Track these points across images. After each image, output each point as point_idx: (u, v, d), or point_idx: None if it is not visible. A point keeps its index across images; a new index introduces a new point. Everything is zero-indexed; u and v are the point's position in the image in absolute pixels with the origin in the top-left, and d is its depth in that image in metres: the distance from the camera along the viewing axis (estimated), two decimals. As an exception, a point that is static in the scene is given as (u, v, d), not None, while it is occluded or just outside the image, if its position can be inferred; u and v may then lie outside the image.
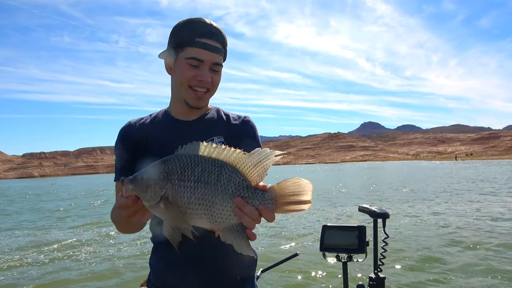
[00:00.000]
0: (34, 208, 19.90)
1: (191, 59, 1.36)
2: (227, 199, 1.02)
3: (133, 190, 1.03)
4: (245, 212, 0.99)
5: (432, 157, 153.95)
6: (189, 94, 1.41)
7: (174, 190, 1.02)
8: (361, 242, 2.04)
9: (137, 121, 1.52)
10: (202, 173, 1.03)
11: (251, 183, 1.03)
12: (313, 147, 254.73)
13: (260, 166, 1.03)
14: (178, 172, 1.03)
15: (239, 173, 1.03)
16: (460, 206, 12.40)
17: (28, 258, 8.00)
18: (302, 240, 8.21)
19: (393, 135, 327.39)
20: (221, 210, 1.02)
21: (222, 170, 1.03)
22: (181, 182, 1.02)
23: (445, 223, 9.49)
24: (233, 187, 1.02)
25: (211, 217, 1.02)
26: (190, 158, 1.05)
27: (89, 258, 7.66)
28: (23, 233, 11.58)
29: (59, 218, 14.76)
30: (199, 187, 1.02)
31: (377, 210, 2.10)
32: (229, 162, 1.04)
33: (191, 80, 1.39)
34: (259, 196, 1.02)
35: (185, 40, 1.37)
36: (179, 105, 1.48)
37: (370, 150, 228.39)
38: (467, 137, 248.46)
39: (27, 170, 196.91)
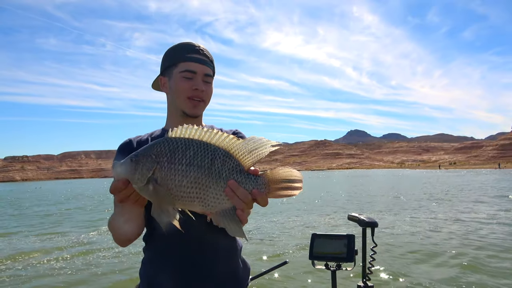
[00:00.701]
0: (18, 214, 19.45)
1: (185, 71, 1.50)
2: (221, 183, 1.03)
3: (122, 173, 1.04)
4: (238, 195, 1.02)
5: (416, 166, 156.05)
6: (187, 104, 1.53)
7: (163, 172, 1.02)
8: (350, 251, 2.05)
9: (136, 138, 1.59)
10: (194, 157, 1.03)
11: (244, 168, 1.05)
12: (300, 154, 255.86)
13: (255, 153, 1.05)
14: (168, 155, 1.03)
15: (233, 158, 1.05)
16: (447, 215, 12.56)
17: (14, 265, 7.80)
18: (291, 248, 8.18)
19: (379, 143, 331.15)
20: (214, 194, 1.03)
21: (216, 155, 1.04)
22: (171, 165, 1.02)
23: (433, 231, 9.58)
24: (227, 171, 1.03)
25: (204, 201, 1.03)
26: (181, 141, 1.04)
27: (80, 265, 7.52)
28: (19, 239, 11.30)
29: (52, 223, 14.46)
30: (192, 171, 1.02)
31: (366, 219, 2.11)
32: (221, 146, 1.05)
33: (187, 91, 1.51)
34: (253, 180, 1.05)
35: (177, 58, 1.53)
36: (175, 120, 1.57)
37: (356, 158, 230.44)
38: (450, 146, 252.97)
39: (9, 174, 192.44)
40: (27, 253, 8.89)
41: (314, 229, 10.29)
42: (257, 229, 10.76)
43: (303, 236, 9.31)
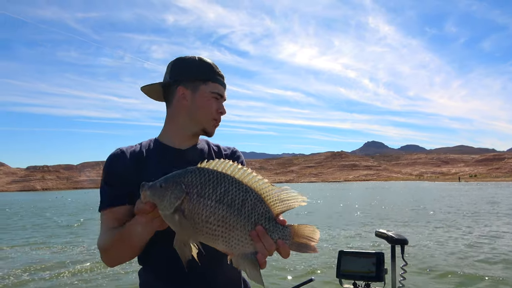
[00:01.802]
0: (40, 223, 19.75)
1: (215, 93, 1.50)
2: (248, 226, 1.01)
3: (150, 196, 1.02)
4: (264, 242, 1.02)
5: (435, 178, 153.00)
6: (211, 124, 1.53)
7: (192, 204, 1.00)
8: (379, 270, 1.96)
9: (129, 148, 1.51)
10: (225, 194, 1.01)
11: (273, 216, 1.04)
12: (316, 166, 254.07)
13: (285, 204, 1.05)
14: (198, 187, 1.01)
15: (264, 203, 1.03)
16: (481, 230, 12.14)
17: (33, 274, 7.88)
18: (317, 265, 7.99)
19: (397, 155, 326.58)
20: (240, 236, 1.01)
21: (247, 196, 1.02)
22: (200, 199, 1.00)
23: (466, 248, 9.22)
24: (256, 216, 1.02)
25: (228, 241, 1.01)
26: (213, 174, 1.03)
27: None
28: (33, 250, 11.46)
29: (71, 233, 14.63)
30: (221, 208, 1.00)
31: (395, 236, 2.02)
32: (253, 188, 1.03)
33: (214, 112, 1.51)
34: (280, 230, 1.04)
35: (208, 75, 1.50)
36: (177, 132, 1.53)
37: (373, 170, 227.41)
38: (471, 158, 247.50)
39: (30, 183, 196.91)
40: (47, 262, 8.98)
41: (340, 245, 10.06)
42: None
43: (329, 253, 9.06)
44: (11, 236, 14.48)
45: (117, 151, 1.49)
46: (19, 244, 12.13)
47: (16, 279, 7.58)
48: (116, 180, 1.42)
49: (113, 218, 1.38)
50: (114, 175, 1.44)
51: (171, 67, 1.53)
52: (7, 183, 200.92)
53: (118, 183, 1.41)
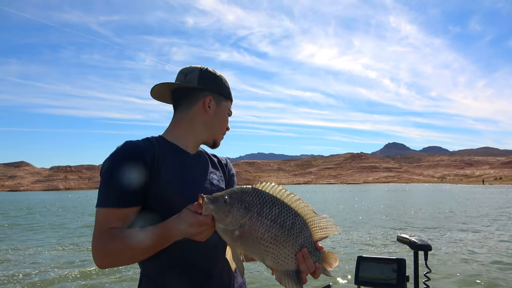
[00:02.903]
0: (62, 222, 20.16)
1: (229, 111, 1.62)
2: (296, 247, 1.14)
3: (213, 210, 1.09)
4: (307, 263, 1.16)
5: (458, 180, 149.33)
6: (220, 137, 1.63)
7: (252, 222, 1.10)
8: (400, 277, 1.86)
9: (141, 142, 1.40)
10: (278, 215, 1.12)
11: (314, 240, 1.19)
12: (335, 167, 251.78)
13: (324, 231, 1.20)
14: (258, 207, 1.11)
15: (308, 227, 1.18)
16: (504, 235, 11.74)
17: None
18: (335, 270, 7.79)
19: (418, 157, 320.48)
20: (287, 254, 1.13)
21: (296, 219, 1.15)
22: (259, 217, 1.11)
23: (492, 255, 8.89)
24: (303, 238, 1.16)
25: (276, 258, 1.12)
26: (269, 197, 1.14)
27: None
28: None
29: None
30: (274, 227, 1.11)
31: (418, 242, 1.90)
32: (300, 213, 1.17)
33: (225, 128, 1.62)
34: (318, 254, 1.20)
35: (230, 95, 1.62)
36: (190, 136, 1.54)
37: (393, 172, 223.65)
38: (496, 160, 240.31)
39: (53, 183, 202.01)
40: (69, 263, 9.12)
41: (360, 250, 9.84)
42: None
43: (347, 258, 8.84)
44: (43, 235, 14.83)
45: (131, 146, 1.36)
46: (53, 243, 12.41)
47: (48, 275, 7.72)
48: (129, 177, 1.29)
49: (118, 218, 1.28)
50: (121, 171, 1.29)
51: (200, 74, 1.50)
52: (32, 183, 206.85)
53: (131, 180, 1.29)
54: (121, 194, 1.28)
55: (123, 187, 1.28)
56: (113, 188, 1.29)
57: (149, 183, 1.32)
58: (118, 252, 1.24)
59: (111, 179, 1.30)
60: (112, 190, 1.29)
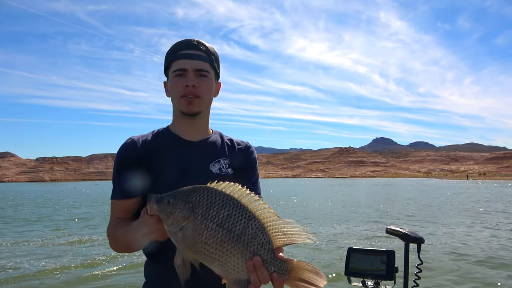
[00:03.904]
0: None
1: (176, 71, 1.44)
2: (245, 255, 1.00)
3: (157, 211, 1.03)
4: (259, 274, 1.00)
5: (444, 175, 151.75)
6: (182, 103, 1.46)
7: (195, 224, 1.00)
8: (390, 268, 1.88)
9: (140, 137, 1.50)
10: (227, 218, 1.00)
11: (273, 247, 1.02)
12: (323, 161, 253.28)
13: (288, 237, 1.03)
14: (204, 208, 1.01)
15: (265, 232, 1.01)
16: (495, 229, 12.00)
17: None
18: (325, 261, 7.94)
19: (405, 152, 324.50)
20: (235, 262, 1.00)
21: (250, 223, 1.01)
22: (204, 220, 1.00)
23: (483, 246, 9.09)
24: (255, 245, 1.00)
25: (223, 265, 1.00)
26: (219, 196, 1.02)
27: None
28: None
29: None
30: (221, 232, 0.99)
31: (411, 234, 1.93)
32: (257, 216, 1.02)
33: (180, 90, 1.44)
34: (277, 264, 1.02)
35: (170, 58, 1.47)
36: (180, 123, 1.52)
37: (380, 166, 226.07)
38: (481, 156, 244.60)
39: (39, 174, 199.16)
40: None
41: (350, 242, 9.98)
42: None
43: (338, 250, 8.97)
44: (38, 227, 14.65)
45: (128, 141, 1.49)
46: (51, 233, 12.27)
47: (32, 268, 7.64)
48: (127, 171, 1.42)
49: (121, 209, 1.43)
50: (125, 165, 1.43)
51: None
52: (16, 174, 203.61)
53: (129, 174, 1.41)
54: (120, 187, 1.43)
55: (123, 181, 1.42)
56: (115, 182, 1.46)
57: (145, 176, 1.40)
58: (117, 241, 1.39)
59: (114, 173, 1.46)
60: (116, 183, 1.45)
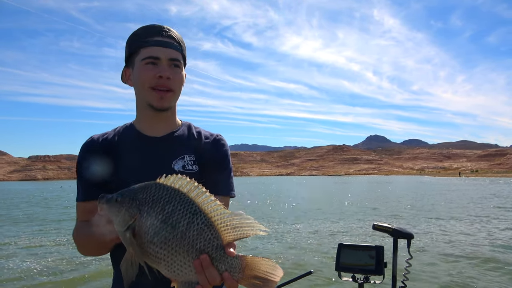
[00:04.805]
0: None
1: (147, 58, 1.31)
2: (192, 254, 0.91)
3: (106, 210, 0.96)
4: (207, 274, 0.90)
5: (436, 173, 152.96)
6: (152, 95, 1.33)
7: (141, 222, 0.93)
8: (379, 263, 1.95)
9: (101, 136, 1.43)
10: (171, 214, 0.92)
11: (222, 243, 0.93)
12: (317, 159, 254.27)
13: (238, 231, 0.93)
14: (149, 204, 0.93)
15: (213, 228, 0.92)
16: (483, 225, 12.14)
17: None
18: (316, 257, 7.99)
19: (399, 149, 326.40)
20: (182, 262, 0.92)
21: (194, 218, 0.92)
22: (149, 217, 0.93)
23: (473, 242, 9.21)
24: (202, 242, 0.91)
25: (170, 266, 0.92)
26: (167, 191, 0.94)
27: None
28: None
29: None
30: (164, 229, 0.91)
31: (400, 230, 1.99)
32: (204, 210, 0.93)
33: (151, 80, 1.31)
34: (228, 261, 0.93)
35: (138, 44, 1.33)
36: (145, 117, 1.40)
37: (374, 164, 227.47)
38: (473, 153, 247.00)
39: (31, 173, 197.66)
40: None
41: (341, 238, 10.08)
42: (280, 235, 10.62)
43: (329, 246, 9.07)
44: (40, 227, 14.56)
45: (88, 140, 1.42)
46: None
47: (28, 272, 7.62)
48: (88, 172, 1.36)
49: (86, 211, 1.33)
50: (85, 166, 1.37)
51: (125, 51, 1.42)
52: (8, 172, 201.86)
53: (90, 174, 1.35)
54: (83, 188, 1.36)
55: (84, 181, 1.36)
56: (78, 183, 1.39)
57: (106, 175, 1.34)
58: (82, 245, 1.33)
59: (77, 174, 1.39)
60: (78, 185, 1.39)
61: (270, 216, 15.34)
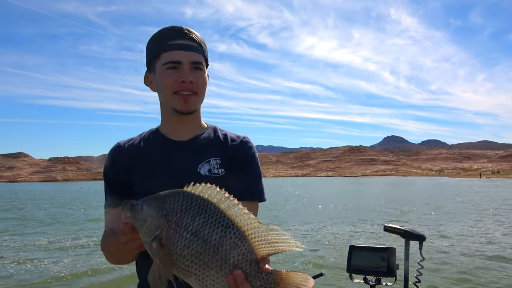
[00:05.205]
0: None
1: (168, 63, 1.29)
2: (225, 269, 0.88)
3: (131, 218, 0.93)
4: None
5: (456, 174, 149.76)
6: (176, 100, 1.32)
7: (169, 234, 0.89)
8: (391, 265, 1.94)
9: (127, 142, 1.43)
10: (202, 227, 0.88)
11: (256, 258, 0.89)
12: (334, 160, 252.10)
13: (274, 247, 0.91)
14: (178, 215, 0.89)
15: (247, 241, 0.89)
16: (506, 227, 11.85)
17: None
18: (327, 259, 7.97)
19: (417, 150, 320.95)
20: (214, 277, 0.88)
21: (227, 232, 0.88)
22: (177, 228, 0.89)
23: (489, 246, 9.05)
24: (235, 257, 0.88)
25: (201, 281, 0.89)
26: (196, 202, 0.90)
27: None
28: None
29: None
30: (195, 243, 0.88)
31: (412, 231, 1.98)
32: (237, 223, 0.89)
33: (174, 85, 1.30)
34: (262, 277, 0.89)
35: (159, 48, 1.32)
36: (170, 121, 1.40)
37: (392, 165, 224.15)
38: (494, 153, 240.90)
39: (51, 174, 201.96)
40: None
41: (353, 240, 9.99)
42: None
43: (340, 247, 9.01)
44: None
45: (114, 146, 1.43)
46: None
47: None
48: (113, 178, 1.37)
49: (114, 218, 1.31)
50: (112, 172, 1.39)
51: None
52: (30, 174, 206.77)
53: (116, 180, 1.36)
54: (110, 194, 1.37)
55: (111, 188, 1.38)
56: (106, 189, 1.40)
57: (132, 181, 1.34)
58: (109, 253, 1.32)
59: (104, 180, 1.41)
60: (106, 191, 1.40)
61: (279, 217, 15.28)
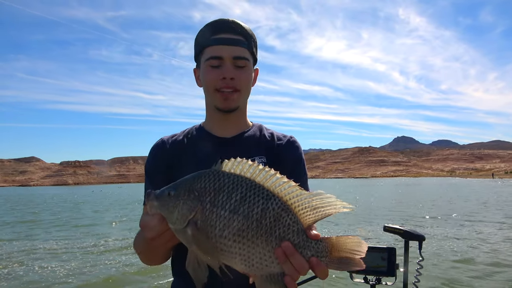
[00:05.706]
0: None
1: (209, 59, 1.25)
2: (272, 242, 0.82)
3: (158, 208, 0.87)
4: (293, 262, 0.81)
5: (468, 174, 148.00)
6: (217, 97, 1.28)
7: (204, 215, 0.83)
8: (391, 265, 1.93)
9: (170, 137, 1.40)
10: (241, 202, 0.83)
11: (303, 227, 0.84)
12: (343, 161, 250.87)
13: (319, 212, 0.85)
14: (211, 194, 0.84)
15: (291, 211, 0.84)
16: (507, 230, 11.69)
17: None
18: None
19: (428, 151, 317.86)
20: (261, 254, 0.83)
21: (269, 203, 0.83)
22: (214, 208, 0.83)
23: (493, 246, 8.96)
24: (281, 228, 0.83)
25: (247, 260, 0.83)
26: (229, 178, 0.85)
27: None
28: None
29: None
30: (235, 220, 0.82)
31: (412, 232, 1.98)
32: (277, 193, 0.84)
33: (214, 82, 1.26)
34: (313, 246, 0.84)
35: (203, 43, 1.28)
36: (214, 118, 1.37)
37: (402, 166, 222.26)
38: (507, 153, 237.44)
39: (63, 178, 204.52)
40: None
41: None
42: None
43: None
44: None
45: (158, 142, 1.40)
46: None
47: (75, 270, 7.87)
48: (155, 174, 1.34)
49: None
50: (153, 168, 1.36)
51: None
52: (41, 178, 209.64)
53: (158, 176, 1.31)
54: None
55: (152, 184, 1.31)
56: (145, 186, 1.34)
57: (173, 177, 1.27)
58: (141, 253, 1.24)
59: (145, 177, 1.37)
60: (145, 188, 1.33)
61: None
